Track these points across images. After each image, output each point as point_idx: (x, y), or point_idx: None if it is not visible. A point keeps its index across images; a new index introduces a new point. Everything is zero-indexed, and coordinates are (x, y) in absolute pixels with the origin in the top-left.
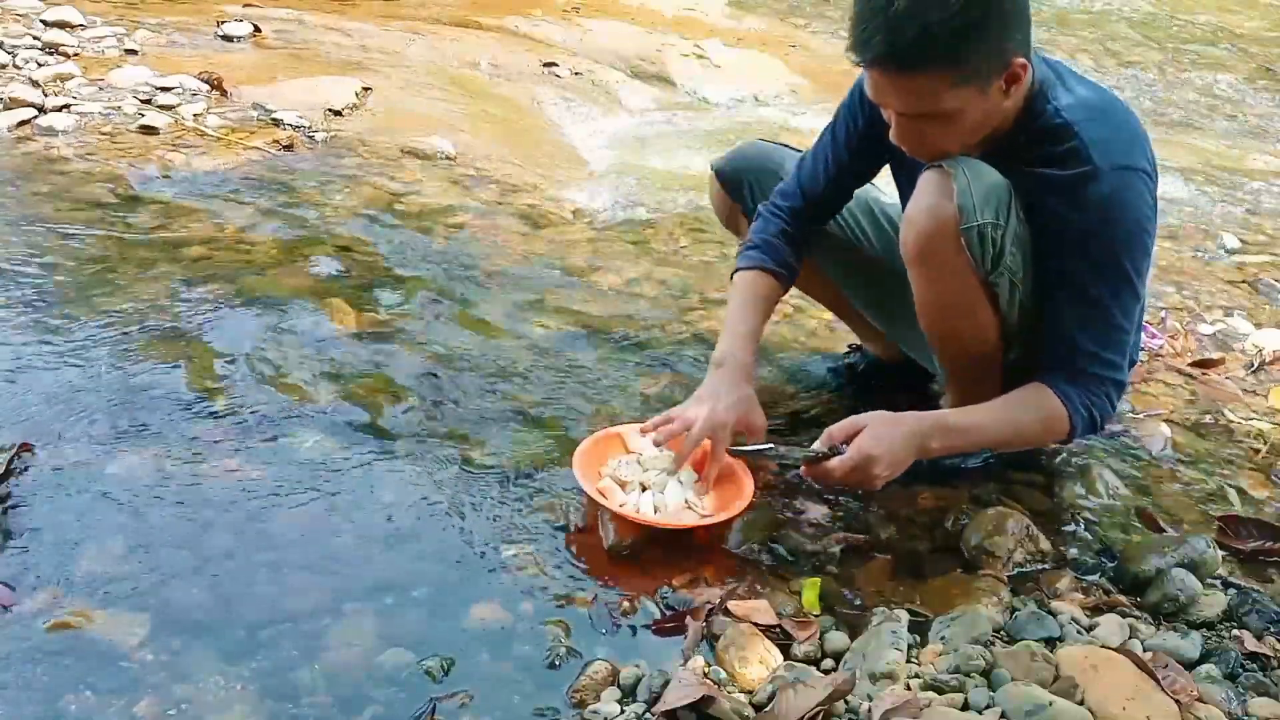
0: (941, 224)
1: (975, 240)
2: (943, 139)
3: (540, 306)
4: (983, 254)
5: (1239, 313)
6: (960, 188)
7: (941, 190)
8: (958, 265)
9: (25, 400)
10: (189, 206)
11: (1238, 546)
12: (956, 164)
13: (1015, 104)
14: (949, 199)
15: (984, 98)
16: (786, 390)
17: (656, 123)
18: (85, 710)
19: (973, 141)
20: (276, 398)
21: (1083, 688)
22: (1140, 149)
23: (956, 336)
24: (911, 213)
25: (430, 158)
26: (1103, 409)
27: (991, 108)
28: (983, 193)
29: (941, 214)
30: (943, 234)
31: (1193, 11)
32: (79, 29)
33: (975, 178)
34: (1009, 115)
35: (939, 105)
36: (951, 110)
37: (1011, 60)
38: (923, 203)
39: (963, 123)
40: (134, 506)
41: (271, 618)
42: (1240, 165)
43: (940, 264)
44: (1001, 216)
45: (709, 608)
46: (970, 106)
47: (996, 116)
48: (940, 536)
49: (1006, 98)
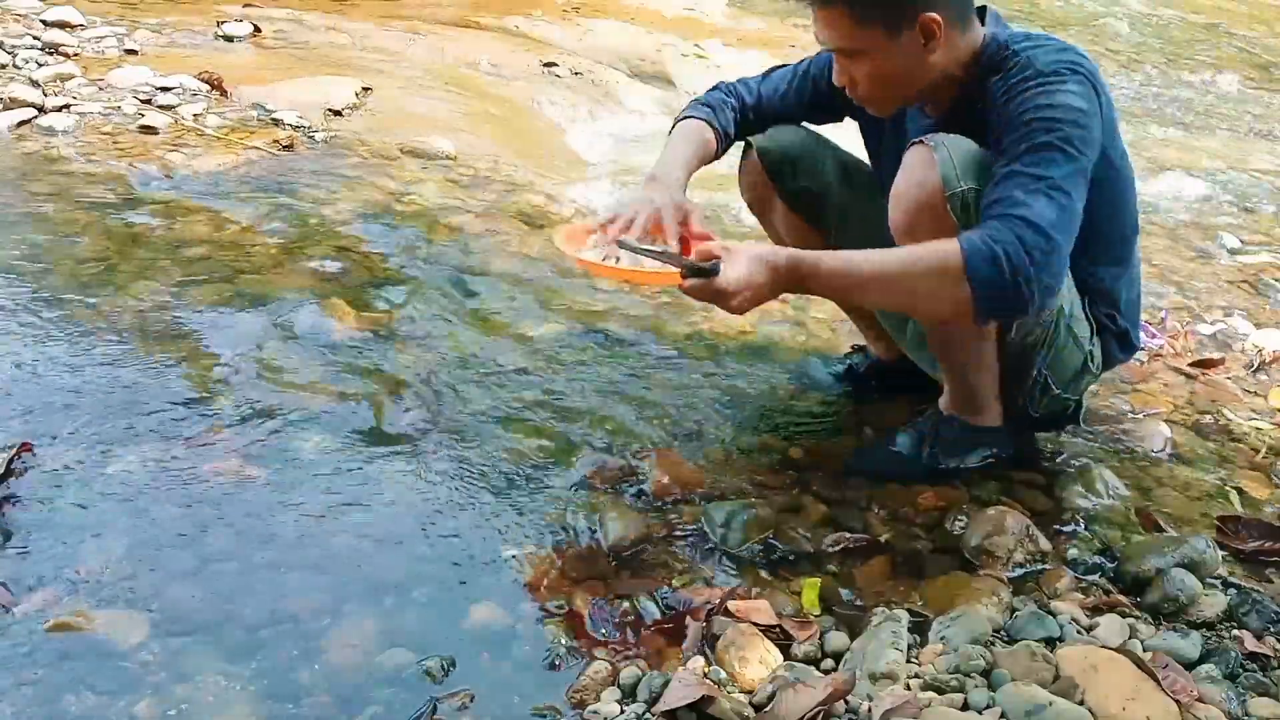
0: (928, 194)
1: (959, 208)
2: (866, 83)
3: (540, 306)
4: (967, 221)
5: (1239, 313)
6: (941, 158)
7: (925, 163)
8: (944, 233)
9: (25, 400)
10: (189, 206)
11: (1238, 546)
12: (936, 139)
13: (946, 62)
14: (932, 170)
15: (896, 45)
16: (786, 390)
17: (656, 123)
18: (85, 710)
19: (901, 94)
20: (276, 397)
21: (1083, 688)
22: (1078, 57)
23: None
24: (898, 189)
25: (430, 157)
26: (1011, 249)
27: (913, 61)
28: (963, 161)
29: (926, 185)
30: (929, 204)
31: (1193, 11)
32: (79, 29)
33: (955, 148)
34: (946, 71)
35: (849, 42)
36: (862, 49)
37: (921, 15)
38: (908, 178)
39: (880, 67)
40: (134, 506)
41: (271, 618)
42: (1240, 165)
43: (928, 235)
44: (983, 182)
45: (709, 608)
46: (882, 51)
47: (926, 69)
48: (940, 536)
49: (928, 52)
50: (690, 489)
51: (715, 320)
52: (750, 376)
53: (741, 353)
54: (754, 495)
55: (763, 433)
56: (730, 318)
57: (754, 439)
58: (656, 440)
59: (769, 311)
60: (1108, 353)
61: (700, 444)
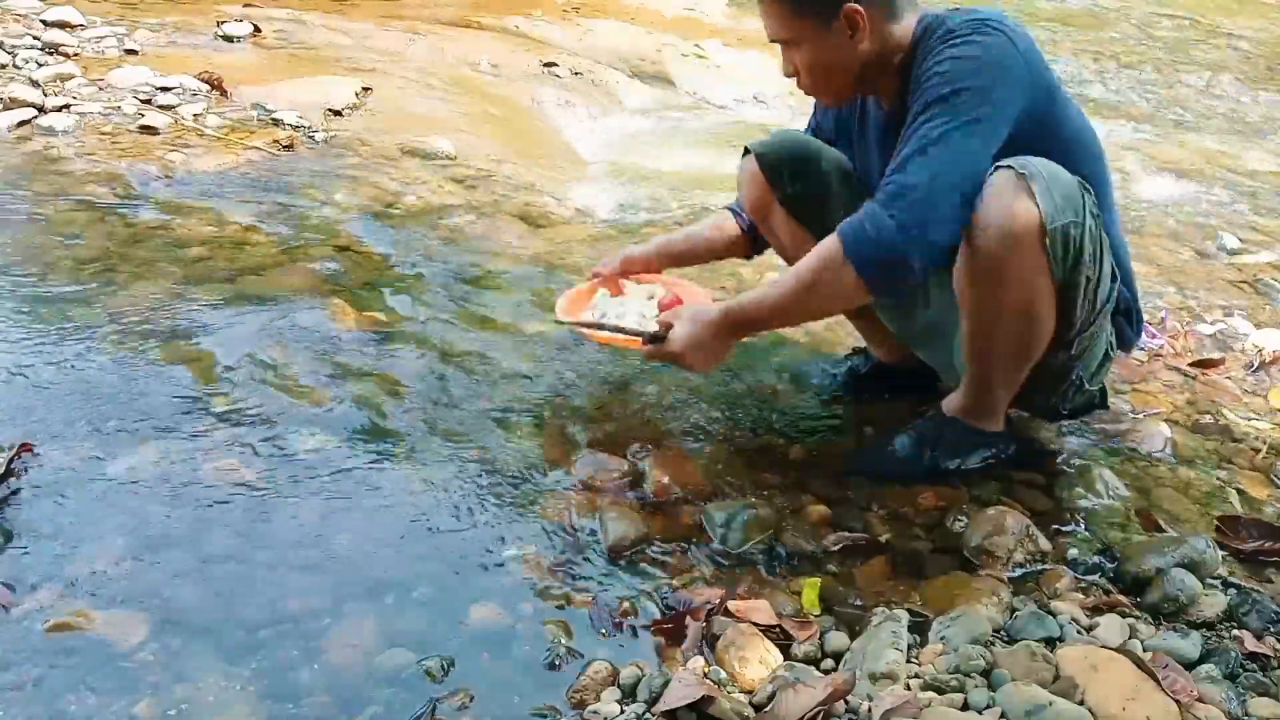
0: (1023, 226)
1: (1059, 242)
2: (806, 72)
3: (540, 306)
4: (1064, 255)
5: (1239, 313)
6: (1040, 189)
7: (1019, 191)
8: (1036, 269)
9: (25, 400)
10: (189, 206)
11: (1238, 546)
12: (1028, 165)
13: (879, 51)
14: (1029, 200)
15: (827, 35)
16: (787, 391)
17: (656, 123)
18: (85, 710)
19: (842, 84)
20: (277, 397)
21: (1083, 688)
22: (1001, 19)
23: (1003, 342)
24: (987, 215)
25: (430, 157)
26: (877, 219)
27: (843, 50)
28: (1062, 192)
29: (1023, 216)
30: (1025, 237)
31: (1193, 11)
32: (79, 29)
33: (1053, 178)
34: (881, 61)
35: (787, 32)
36: (798, 40)
37: (845, 6)
38: (1000, 204)
39: (816, 57)
40: (134, 506)
41: (271, 618)
42: (1240, 165)
43: (1018, 269)
44: (1080, 214)
45: (709, 608)
46: (817, 41)
47: (858, 59)
48: (940, 536)
49: (856, 42)
50: (690, 489)
51: None
52: (750, 377)
53: (742, 353)
54: (754, 495)
55: (763, 433)
56: None
57: (754, 439)
58: (656, 440)
59: None
60: (1121, 334)
61: (700, 444)
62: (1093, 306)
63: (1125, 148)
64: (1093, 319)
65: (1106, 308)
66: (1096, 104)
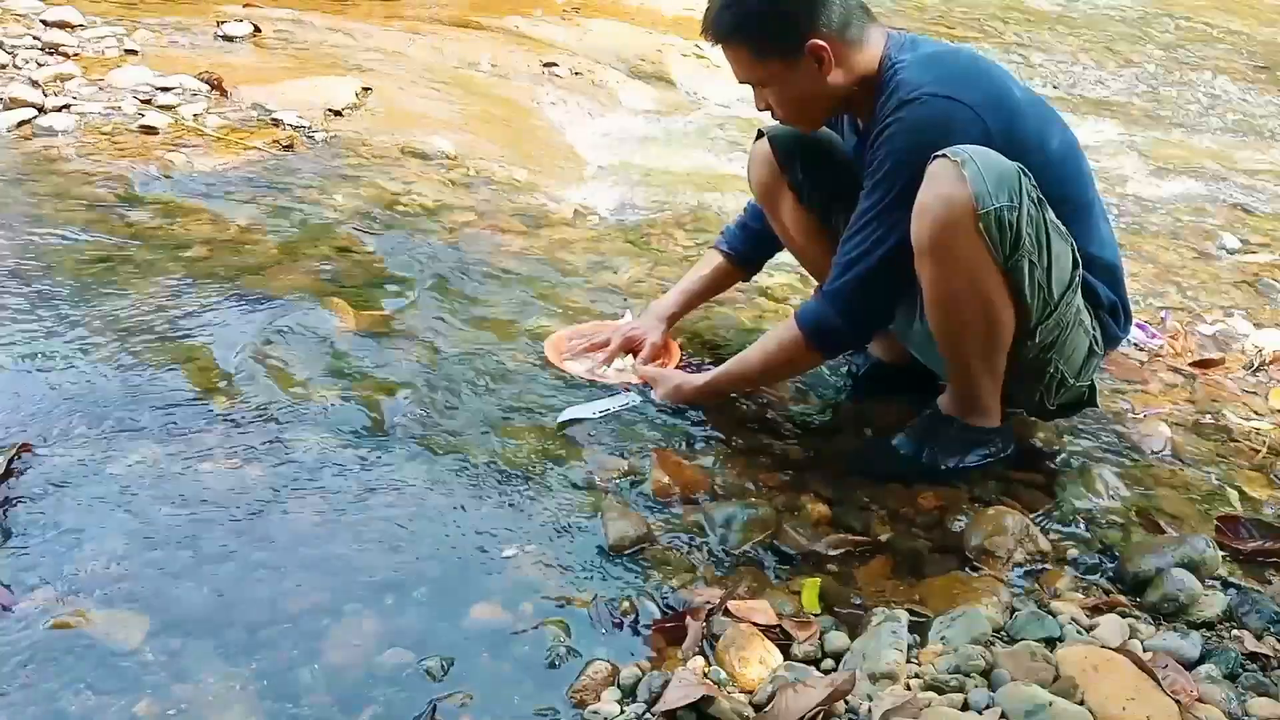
0: (957, 211)
1: (993, 225)
2: (781, 107)
3: (540, 306)
4: (1001, 239)
5: (1239, 313)
6: (972, 174)
7: (953, 177)
8: (975, 252)
9: (25, 400)
10: (189, 206)
11: (1237, 546)
12: (962, 152)
13: (848, 79)
14: (963, 185)
15: (795, 71)
16: (787, 391)
17: (656, 123)
18: (85, 710)
19: (817, 113)
20: (277, 397)
21: (1083, 688)
22: (965, 84)
23: (966, 328)
24: (924, 201)
25: (430, 157)
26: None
27: (813, 83)
28: (995, 177)
29: (956, 200)
30: (960, 221)
31: (1193, 11)
32: (79, 29)
33: (986, 163)
34: (851, 87)
35: (754, 74)
36: (765, 78)
37: (808, 42)
38: (935, 190)
39: (789, 93)
40: (134, 506)
41: (271, 618)
42: (1240, 165)
43: (957, 253)
44: (1015, 199)
45: (709, 608)
46: (783, 77)
47: (829, 89)
48: (940, 536)
49: (824, 74)
50: (690, 489)
51: (715, 320)
52: None
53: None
54: (754, 495)
55: (762, 433)
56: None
57: (754, 439)
58: (656, 440)
59: (770, 311)
60: (1106, 330)
61: (700, 444)
62: (1046, 293)
63: (1125, 148)
64: (1051, 308)
65: (1067, 297)
66: (1097, 104)
